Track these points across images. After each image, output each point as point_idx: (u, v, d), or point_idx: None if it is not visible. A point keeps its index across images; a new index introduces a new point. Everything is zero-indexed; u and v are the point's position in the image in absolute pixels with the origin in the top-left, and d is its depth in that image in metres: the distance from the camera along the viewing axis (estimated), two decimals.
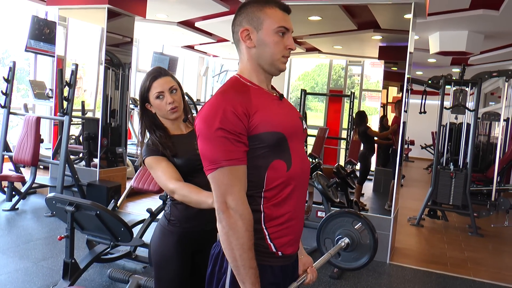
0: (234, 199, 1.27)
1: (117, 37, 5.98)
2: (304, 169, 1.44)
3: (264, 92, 1.41)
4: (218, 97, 1.31)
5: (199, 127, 1.31)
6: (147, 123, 1.97)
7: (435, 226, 5.99)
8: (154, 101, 1.94)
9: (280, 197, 1.35)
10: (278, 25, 1.37)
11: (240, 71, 1.44)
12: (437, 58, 9.42)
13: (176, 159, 1.88)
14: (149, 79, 1.96)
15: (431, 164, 12.89)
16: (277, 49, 1.38)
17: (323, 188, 3.78)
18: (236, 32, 1.42)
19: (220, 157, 1.27)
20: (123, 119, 6.16)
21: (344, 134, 8.77)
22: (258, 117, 1.30)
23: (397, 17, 5.12)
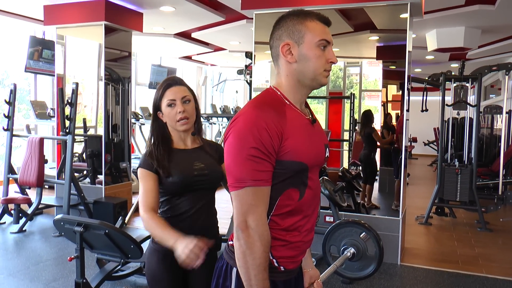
0: (255, 220, 1.26)
1: (115, 52, 6.00)
2: (316, 195, 1.43)
3: (298, 114, 1.37)
4: (254, 112, 1.28)
5: (231, 141, 1.28)
6: (157, 132, 1.93)
7: (443, 224, 5.97)
8: (165, 109, 1.89)
9: (287, 223, 1.34)
10: (320, 38, 1.33)
11: (277, 84, 1.40)
12: (435, 55, 9.43)
13: (169, 178, 1.83)
14: (163, 86, 1.91)
15: (435, 160, 12.87)
16: (319, 63, 1.34)
17: (330, 193, 3.77)
18: (276, 46, 1.38)
19: (247, 176, 1.25)
20: (125, 133, 6.17)
21: (346, 135, 8.75)
22: (289, 144, 1.28)
23: (393, 17, 5.13)
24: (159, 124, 1.92)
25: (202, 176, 1.88)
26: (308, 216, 1.39)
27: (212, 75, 13.48)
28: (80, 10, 5.75)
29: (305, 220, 1.38)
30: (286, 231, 1.35)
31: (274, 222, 1.34)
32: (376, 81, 10.00)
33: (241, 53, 9.42)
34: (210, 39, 8.66)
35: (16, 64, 7.40)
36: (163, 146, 1.89)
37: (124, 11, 5.90)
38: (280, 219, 1.34)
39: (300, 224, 1.37)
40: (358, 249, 2.06)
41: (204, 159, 1.93)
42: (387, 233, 4.26)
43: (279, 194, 1.32)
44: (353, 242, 2.08)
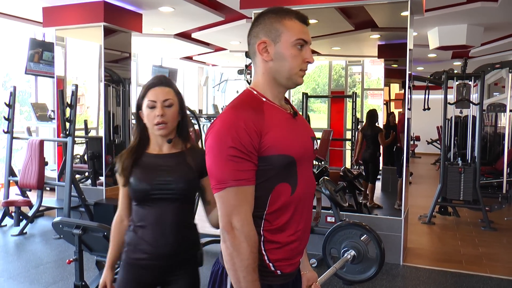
0: (239, 220, 1.24)
1: (115, 53, 5.98)
2: (309, 191, 1.41)
3: (277, 109, 1.36)
4: (231, 113, 1.27)
5: (210, 143, 1.27)
6: (137, 132, 1.83)
7: (446, 223, 5.92)
8: (145, 110, 1.76)
9: (281, 221, 1.32)
10: (297, 38, 1.32)
11: (254, 84, 1.39)
12: (437, 53, 9.36)
13: (133, 183, 1.74)
14: (146, 86, 1.80)
15: (438, 159, 12.81)
16: (295, 63, 1.33)
17: (331, 194, 3.73)
18: (253, 44, 1.37)
19: (228, 176, 1.23)
20: (126, 135, 6.14)
21: (348, 134, 8.71)
22: (270, 138, 1.26)
23: (394, 15, 5.10)
24: (141, 124, 1.81)
25: (163, 185, 1.73)
26: (302, 213, 1.37)
27: (213, 75, 13.46)
28: (78, 11, 5.73)
29: (298, 217, 1.36)
30: (280, 231, 1.32)
31: (268, 222, 1.31)
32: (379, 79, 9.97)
33: (241, 53, 9.39)
34: (211, 39, 8.63)
35: (18, 67, 7.39)
36: (135, 150, 1.80)
37: (123, 12, 5.88)
38: (274, 217, 1.31)
39: (295, 219, 1.34)
40: (359, 251, 2.02)
41: (173, 168, 1.77)
42: (389, 233, 4.22)
43: (270, 191, 1.30)
44: (354, 244, 2.05)
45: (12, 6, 6.23)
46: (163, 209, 1.74)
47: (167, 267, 1.75)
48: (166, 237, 1.73)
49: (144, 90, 1.78)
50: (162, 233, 1.73)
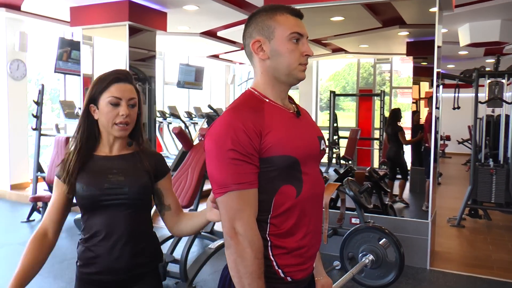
0: (243, 225, 1.19)
1: (140, 51, 6.02)
2: (316, 193, 1.34)
3: (279, 109, 1.31)
4: (230, 114, 1.23)
5: (209, 146, 1.23)
6: (84, 130, 1.59)
7: (477, 226, 5.72)
8: (105, 106, 1.54)
9: (288, 225, 1.26)
10: (291, 31, 1.28)
11: (254, 85, 1.35)
12: (469, 50, 9.09)
13: (79, 189, 1.54)
14: (110, 79, 1.56)
15: (469, 160, 12.46)
16: (293, 58, 1.29)
17: (355, 195, 3.64)
18: (248, 44, 1.34)
19: (229, 180, 1.19)
20: (151, 132, 6.19)
21: (376, 134, 8.56)
22: (271, 139, 1.21)
23: (423, 11, 4.96)
24: (90, 121, 1.59)
25: (115, 189, 1.54)
26: (309, 216, 1.31)
27: (240, 73, 13.45)
28: (104, 11, 5.79)
29: (306, 220, 1.30)
30: (288, 235, 1.27)
31: (274, 226, 1.26)
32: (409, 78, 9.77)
33: None
34: (236, 38, 8.60)
35: (48, 65, 7.54)
36: (84, 151, 1.58)
37: (148, 11, 5.91)
38: (279, 221, 1.26)
39: (302, 224, 1.29)
40: (377, 255, 1.94)
41: (127, 170, 1.59)
42: (416, 236, 4.09)
43: (274, 194, 1.25)
44: (372, 248, 1.97)
45: (43, 7, 6.36)
46: (115, 217, 1.55)
47: (123, 283, 1.58)
48: (119, 249, 1.54)
49: (106, 84, 1.56)
50: (114, 244, 1.53)
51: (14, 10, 6.39)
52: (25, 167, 7.02)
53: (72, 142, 1.60)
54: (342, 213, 3.82)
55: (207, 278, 3.85)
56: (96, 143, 1.61)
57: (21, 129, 6.88)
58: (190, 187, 3.59)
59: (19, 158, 6.88)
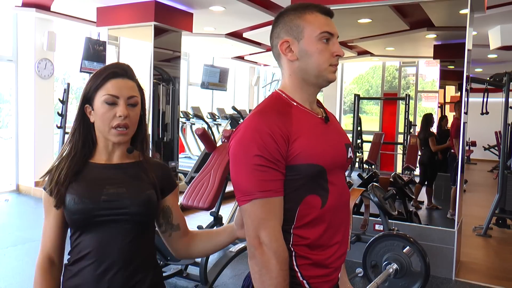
0: (268, 235, 1.14)
1: (165, 52, 6.05)
2: (342, 203, 1.29)
3: (307, 113, 1.26)
4: (256, 118, 1.18)
5: (234, 151, 1.18)
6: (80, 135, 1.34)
7: (505, 237, 5.54)
8: (100, 106, 1.30)
9: (313, 236, 1.21)
10: (321, 31, 1.23)
11: (282, 87, 1.30)
12: (498, 54, 8.85)
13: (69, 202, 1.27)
14: (105, 74, 1.32)
15: (495, 166, 12.16)
16: (322, 58, 1.23)
17: (380, 201, 3.56)
18: (275, 45, 1.29)
19: (254, 187, 1.14)
20: (175, 133, 6.21)
21: (400, 138, 8.43)
22: (298, 146, 1.16)
23: (452, 13, 4.85)
24: (86, 124, 1.35)
25: (114, 203, 1.28)
26: (336, 227, 1.26)
27: (265, 75, 13.41)
28: (130, 11, 5.84)
29: (332, 231, 1.24)
30: (313, 247, 1.22)
31: (298, 236, 1.21)
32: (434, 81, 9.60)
33: None
34: (262, 39, 8.57)
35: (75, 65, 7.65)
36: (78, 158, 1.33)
37: (174, 12, 5.93)
38: (304, 231, 1.20)
39: (328, 236, 1.23)
40: (402, 264, 1.87)
41: (128, 181, 1.33)
42: (441, 245, 3.98)
43: (298, 203, 1.19)
44: (396, 257, 1.90)
45: (72, 7, 6.46)
46: (110, 237, 1.27)
47: None
48: (109, 279, 1.25)
49: (101, 80, 1.31)
50: (104, 272, 1.25)
51: (44, 11, 6.50)
52: (50, 165, 7.10)
53: (66, 147, 1.36)
54: (366, 219, 3.75)
55: (227, 282, 3.82)
56: (92, 150, 1.36)
57: (47, 127, 6.99)
58: (213, 189, 3.57)
59: (44, 155, 6.99)
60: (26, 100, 6.87)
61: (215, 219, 4.00)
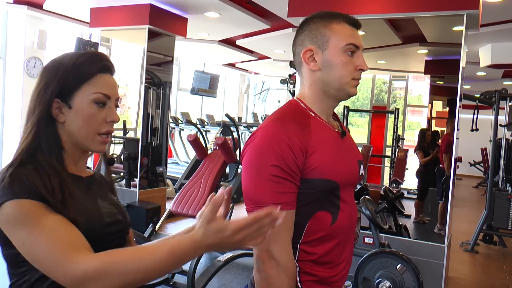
0: (278, 249, 1.09)
1: (158, 56, 5.99)
2: (352, 221, 1.25)
3: (325, 126, 1.22)
4: (274, 125, 1.13)
5: (250, 158, 1.13)
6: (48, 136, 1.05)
7: (491, 253, 5.56)
8: (86, 106, 1.05)
9: (320, 252, 1.17)
10: (347, 43, 1.19)
11: (300, 96, 1.25)
12: (487, 71, 8.98)
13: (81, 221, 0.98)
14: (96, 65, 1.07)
15: (481, 182, 12.30)
16: (346, 71, 1.19)
17: (371, 214, 3.54)
18: (298, 53, 1.24)
19: (267, 199, 1.09)
20: (163, 138, 6.13)
21: (388, 151, 8.46)
22: (315, 159, 1.12)
23: (445, 29, 4.89)
24: (50, 121, 1.06)
25: (117, 225, 1.11)
26: (343, 244, 1.22)
27: (255, 83, 13.42)
28: (124, 13, 5.78)
29: (340, 249, 1.20)
30: (319, 263, 1.17)
31: (304, 252, 1.16)
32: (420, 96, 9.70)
33: (285, 62, 9.30)
34: (255, 47, 8.57)
35: None
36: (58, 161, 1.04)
37: (169, 16, 5.88)
38: (311, 247, 1.16)
39: (335, 253, 1.19)
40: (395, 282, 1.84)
41: (109, 198, 1.16)
42: (431, 260, 3.97)
43: (308, 218, 1.15)
44: (390, 275, 1.87)
45: (65, 6, 6.38)
46: None
47: None
48: None
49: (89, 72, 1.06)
50: None
51: (36, 9, 6.40)
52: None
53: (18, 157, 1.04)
54: (356, 232, 3.72)
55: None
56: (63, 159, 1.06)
57: None
58: (203, 196, 3.51)
59: None
60: (13, 98, 6.74)
61: None
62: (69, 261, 0.87)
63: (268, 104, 14.17)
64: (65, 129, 1.06)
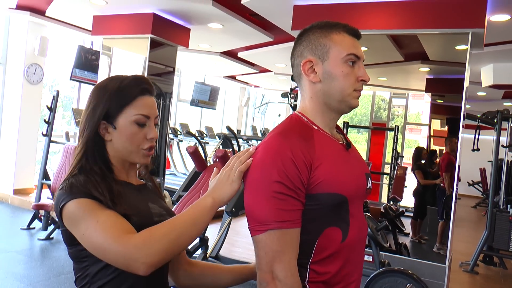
0: (283, 269, 1.03)
1: (159, 66, 5.96)
2: (362, 237, 1.20)
3: (329, 139, 1.17)
4: (277, 140, 1.08)
5: (252, 173, 1.09)
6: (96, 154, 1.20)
7: (491, 274, 5.48)
8: (128, 126, 1.20)
9: (331, 273, 1.10)
10: (348, 53, 1.14)
11: (301, 109, 1.21)
12: (487, 91, 8.98)
13: None
14: (136, 90, 1.21)
15: (479, 203, 12.25)
16: (347, 82, 1.15)
17: (372, 232, 3.48)
18: (297, 64, 1.20)
19: (271, 217, 1.03)
20: (162, 149, 6.08)
21: (387, 168, 8.43)
22: (321, 173, 1.07)
23: (448, 48, 4.88)
24: (98, 141, 1.21)
25: None
26: (354, 264, 1.16)
27: (255, 96, 13.41)
28: (127, 22, 5.77)
29: (350, 268, 1.14)
30: (331, 284, 1.11)
31: (314, 272, 1.10)
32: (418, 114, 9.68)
33: (286, 76, 9.30)
34: (256, 60, 8.57)
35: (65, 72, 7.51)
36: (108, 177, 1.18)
37: (172, 26, 5.87)
38: (321, 267, 1.10)
39: (346, 272, 1.13)
40: None
41: (159, 203, 1.29)
42: (431, 280, 3.89)
43: (317, 236, 1.09)
44: None
45: (67, 14, 6.38)
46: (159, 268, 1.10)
47: None
48: None
49: (130, 96, 1.21)
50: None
51: (38, 15, 6.39)
52: (31, 173, 6.91)
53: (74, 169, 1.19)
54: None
55: None
56: (112, 170, 1.23)
57: (31, 133, 6.81)
58: None
59: (26, 162, 6.78)
60: (12, 104, 6.69)
61: (201, 240, 3.86)
62: (121, 240, 1.03)
63: (268, 118, 14.16)
64: (112, 146, 1.22)
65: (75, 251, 1.15)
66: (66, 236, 1.15)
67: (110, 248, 1.04)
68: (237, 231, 5.68)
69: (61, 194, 1.12)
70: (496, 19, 4.58)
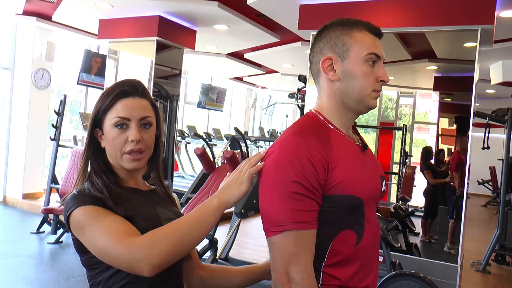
0: (299, 272, 1.01)
1: (166, 69, 5.96)
2: (375, 241, 1.17)
3: (345, 139, 1.14)
4: (294, 138, 1.06)
5: (267, 174, 1.06)
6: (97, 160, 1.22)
7: (504, 274, 5.42)
8: (110, 130, 1.18)
9: (344, 277, 1.08)
10: (368, 52, 1.12)
11: (318, 108, 1.18)
12: (496, 89, 8.90)
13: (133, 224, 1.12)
14: (113, 93, 1.19)
15: (489, 201, 12.14)
16: (367, 82, 1.12)
17: (383, 232, 3.44)
18: (316, 61, 1.17)
19: (287, 218, 1.01)
20: (169, 151, 6.07)
21: (395, 168, 8.36)
22: (338, 174, 1.04)
23: (457, 45, 4.83)
24: (97, 146, 1.23)
25: None
26: (368, 268, 1.13)
27: (262, 97, 13.39)
28: (133, 25, 5.77)
29: (364, 272, 1.11)
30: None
31: (328, 275, 1.07)
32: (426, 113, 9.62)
33: (293, 76, 9.26)
34: (263, 61, 8.55)
35: (72, 76, 7.54)
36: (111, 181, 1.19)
37: (178, 28, 5.86)
38: (335, 270, 1.07)
39: (360, 277, 1.10)
40: None
41: (169, 208, 1.28)
42: (443, 280, 3.85)
43: (331, 238, 1.07)
44: None
45: (73, 18, 6.39)
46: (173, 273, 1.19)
47: None
48: None
49: (109, 100, 1.19)
50: None
51: (45, 20, 6.42)
52: (40, 177, 6.94)
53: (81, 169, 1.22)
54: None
55: None
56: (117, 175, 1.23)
57: (40, 138, 6.84)
58: None
59: (35, 167, 6.81)
60: (20, 109, 6.72)
61: (210, 242, 3.84)
62: (124, 242, 1.03)
63: (275, 119, 14.13)
64: (107, 153, 1.22)
65: (87, 259, 1.15)
66: (77, 244, 1.15)
67: (114, 251, 1.03)
68: (246, 233, 5.66)
69: (68, 203, 1.13)
70: (506, 15, 4.53)
